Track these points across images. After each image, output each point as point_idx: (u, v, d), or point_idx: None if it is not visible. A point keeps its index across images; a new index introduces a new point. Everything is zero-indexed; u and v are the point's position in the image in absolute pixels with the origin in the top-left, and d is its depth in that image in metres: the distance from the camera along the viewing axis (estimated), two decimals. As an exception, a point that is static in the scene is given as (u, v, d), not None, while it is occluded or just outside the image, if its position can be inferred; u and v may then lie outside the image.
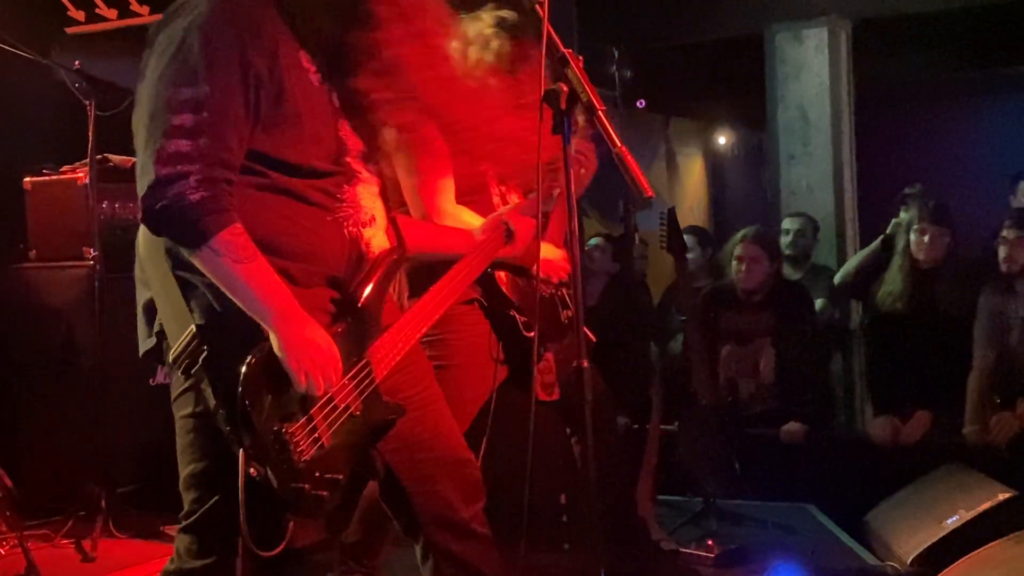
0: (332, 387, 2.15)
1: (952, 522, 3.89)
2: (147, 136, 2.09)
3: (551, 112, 2.13)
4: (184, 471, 2.26)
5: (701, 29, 7.52)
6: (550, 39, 2.14)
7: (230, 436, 2.05)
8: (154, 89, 2.11)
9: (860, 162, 7.22)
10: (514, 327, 3.03)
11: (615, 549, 3.50)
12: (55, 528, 4.18)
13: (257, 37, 2.11)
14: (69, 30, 5.32)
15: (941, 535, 3.86)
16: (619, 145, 2.11)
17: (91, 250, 4.35)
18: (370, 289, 2.30)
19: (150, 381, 4.61)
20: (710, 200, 11.27)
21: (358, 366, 2.25)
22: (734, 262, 5.27)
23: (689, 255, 5.56)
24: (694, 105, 10.50)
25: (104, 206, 4.52)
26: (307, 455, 2.11)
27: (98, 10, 5.24)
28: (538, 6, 2.18)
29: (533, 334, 2.82)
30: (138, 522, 4.19)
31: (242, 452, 2.04)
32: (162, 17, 2.18)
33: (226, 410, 2.05)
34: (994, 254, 4.65)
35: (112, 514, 4.14)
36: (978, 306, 4.68)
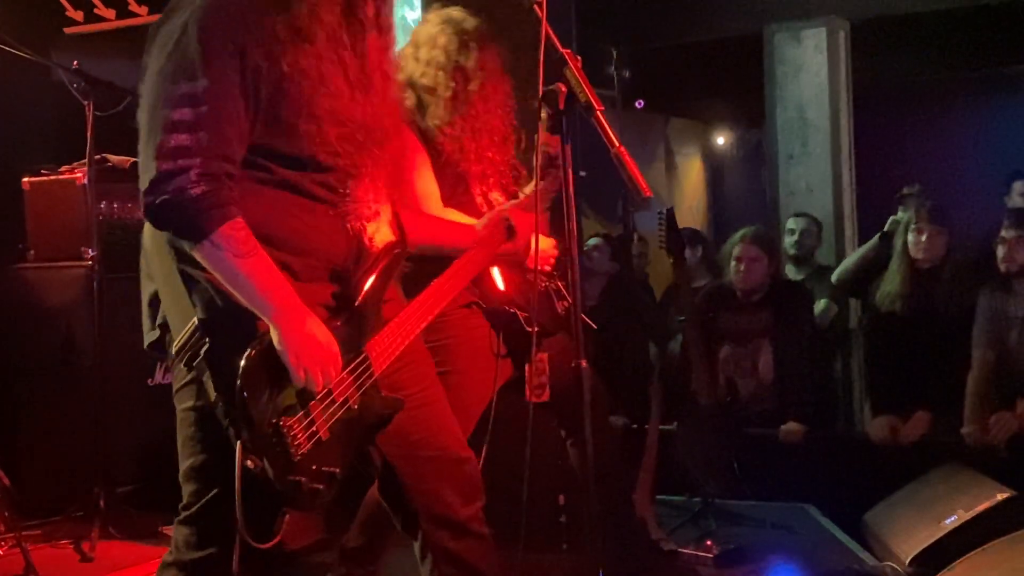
0: (331, 382, 2.16)
1: (951, 522, 3.88)
2: (148, 131, 2.10)
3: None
4: (184, 464, 2.27)
5: (700, 29, 7.53)
6: (549, 39, 2.14)
7: (229, 428, 2.07)
8: (154, 85, 2.12)
9: (859, 162, 7.23)
10: (515, 322, 3.03)
11: (613, 549, 3.50)
12: (54, 528, 4.18)
13: (257, 29, 2.11)
14: (68, 30, 5.32)
15: (940, 535, 3.86)
16: (617, 145, 2.11)
17: (90, 250, 4.35)
18: (370, 284, 2.30)
19: (149, 381, 4.61)
20: (709, 200, 11.27)
21: (356, 360, 2.26)
22: (733, 262, 5.27)
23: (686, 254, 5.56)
24: (693, 105, 10.51)
25: (103, 206, 4.52)
26: (304, 448, 2.12)
27: (97, 10, 5.24)
28: (536, 6, 2.19)
29: (534, 329, 2.82)
30: (137, 523, 4.18)
31: (239, 444, 2.05)
32: (163, 14, 2.19)
33: (225, 402, 2.07)
34: (993, 254, 4.65)
35: (111, 514, 4.14)
36: (977, 306, 4.68)
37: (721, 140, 11.33)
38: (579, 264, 2.32)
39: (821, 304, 5.80)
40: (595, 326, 3.13)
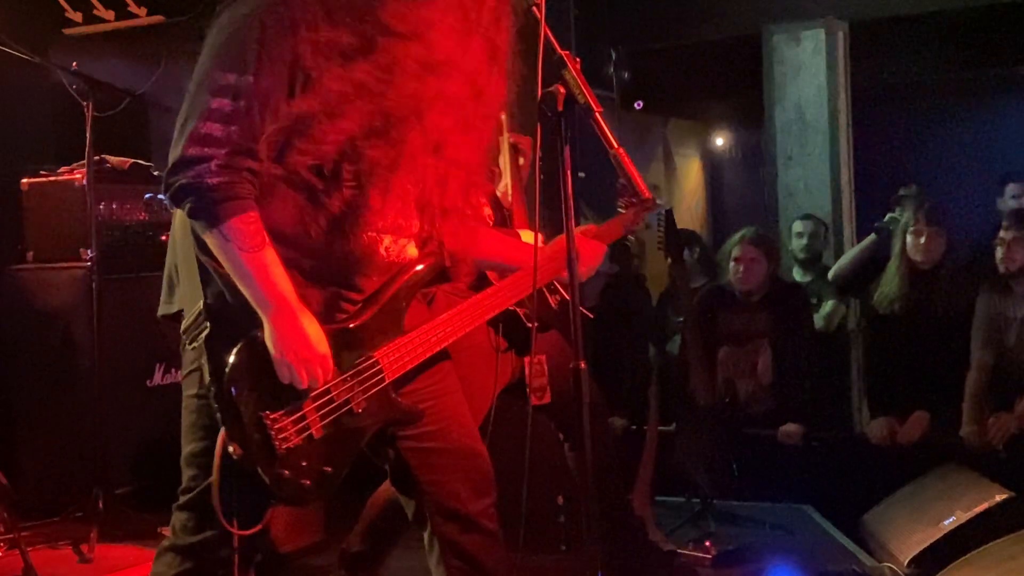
0: (317, 383, 2.18)
1: (949, 523, 3.89)
2: (186, 114, 2.13)
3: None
4: (186, 449, 2.32)
5: (699, 30, 7.53)
6: (547, 41, 2.14)
7: (217, 415, 2.11)
8: (203, 68, 2.14)
9: (857, 163, 7.22)
10: (513, 318, 3.02)
11: (612, 550, 3.50)
12: (52, 529, 4.18)
13: (315, 33, 2.12)
14: (67, 31, 5.32)
15: (938, 536, 3.86)
16: (616, 146, 2.11)
17: (88, 251, 4.36)
18: (390, 292, 2.31)
19: (147, 382, 4.61)
20: (708, 201, 11.27)
21: (364, 364, 2.27)
22: (732, 263, 5.27)
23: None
24: (692, 106, 10.51)
25: (101, 207, 4.52)
26: (290, 443, 2.14)
27: (96, 11, 5.25)
28: (535, 8, 2.18)
29: (534, 324, 2.81)
30: (135, 524, 4.19)
31: (223, 431, 2.10)
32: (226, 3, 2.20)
33: (215, 388, 2.12)
34: (991, 254, 4.65)
35: (109, 516, 4.15)
36: (976, 307, 4.68)
37: (720, 141, 11.33)
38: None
39: (828, 306, 5.80)
40: (591, 315, 3.12)
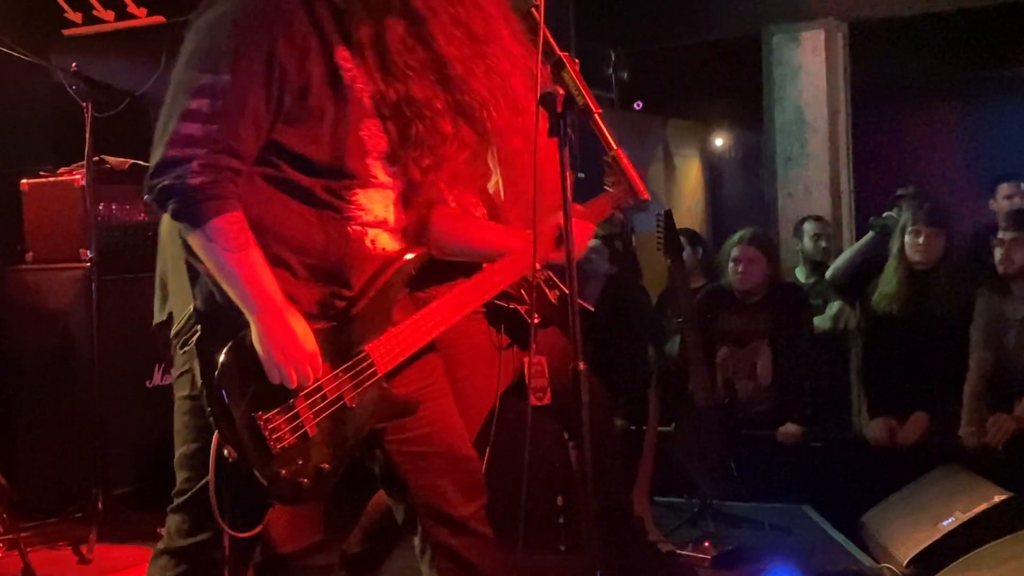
0: (307, 381, 2.17)
1: (948, 524, 3.89)
2: (166, 116, 2.13)
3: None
4: (179, 451, 2.31)
5: (698, 31, 7.53)
6: (546, 42, 2.14)
7: (210, 417, 2.11)
8: (180, 71, 2.15)
9: (857, 163, 7.23)
10: (514, 316, 3.02)
11: (612, 551, 3.50)
12: (51, 530, 4.19)
13: (290, 30, 2.13)
14: (66, 32, 5.32)
15: (937, 537, 3.86)
16: (616, 147, 2.11)
17: (87, 252, 4.36)
18: (377, 286, 2.31)
19: (147, 383, 4.61)
20: (707, 202, 11.28)
21: (355, 359, 2.26)
22: (731, 263, 5.27)
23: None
24: (691, 107, 10.52)
25: (101, 208, 4.53)
26: (286, 442, 2.14)
27: (95, 12, 5.24)
28: (534, 9, 2.18)
29: (536, 320, 2.81)
30: (134, 524, 4.19)
31: (216, 433, 2.10)
32: (204, 3, 2.21)
33: (207, 390, 2.11)
34: (990, 255, 4.65)
35: (108, 516, 4.15)
36: (975, 308, 4.68)
37: (719, 142, 11.34)
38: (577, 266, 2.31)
39: (836, 306, 5.80)
40: (592, 308, 3.11)
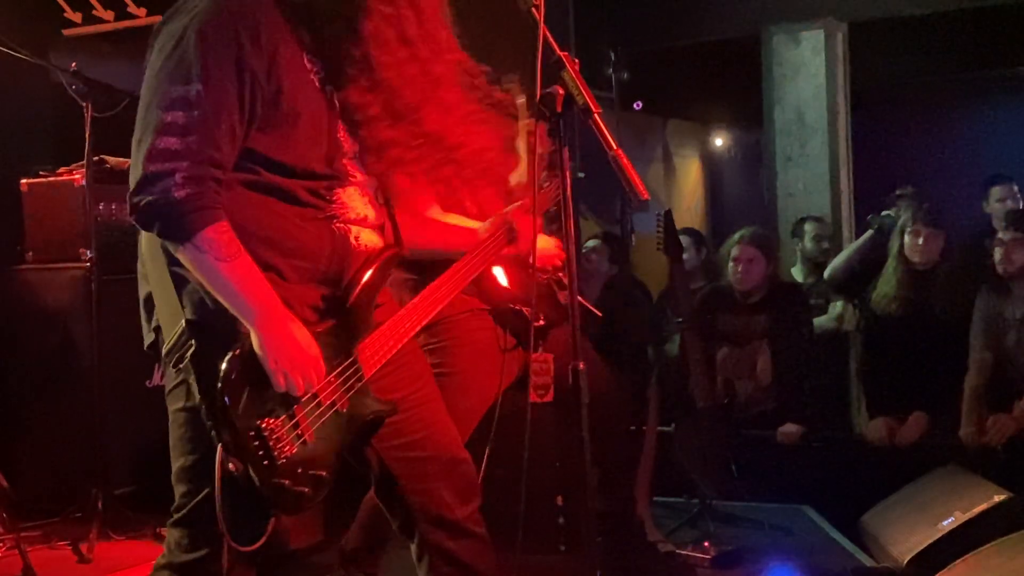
0: (313, 387, 2.16)
1: (948, 524, 3.89)
2: (140, 132, 2.12)
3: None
4: (175, 464, 2.28)
5: (698, 31, 7.54)
6: (546, 42, 2.15)
7: (211, 431, 2.08)
8: (150, 86, 2.14)
9: (856, 163, 7.24)
10: (521, 319, 3.02)
11: (611, 551, 3.50)
12: (51, 529, 4.18)
13: (256, 37, 2.12)
14: (66, 32, 5.32)
15: (937, 537, 3.86)
16: (615, 147, 2.11)
17: (87, 252, 4.36)
18: (360, 287, 2.30)
19: (147, 383, 4.61)
20: (707, 202, 11.28)
21: (345, 363, 2.26)
22: (731, 263, 5.27)
23: (684, 256, 5.56)
24: (691, 107, 10.52)
25: (101, 208, 4.52)
26: (288, 452, 2.13)
27: (95, 12, 5.25)
28: (534, 9, 2.18)
29: (540, 323, 2.81)
30: (134, 524, 4.19)
31: (220, 447, 2.07)
32: (166, 15, 2.20)
33: (207, 404, 2.08)
34: (990, 255, 4.65)
35: (108, 516, 4.15)
36: (974, 308, 4.68)
37: (719, 142, 11.35)
38: (578, 266, 2.31)
39: (839, 306, 5.81)
40: (599, 313, 3.13)
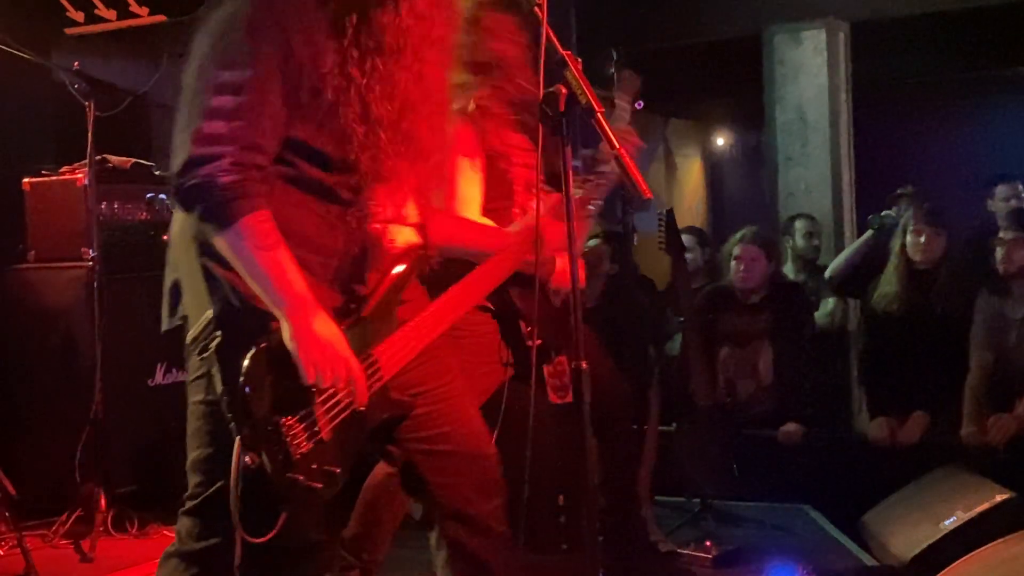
0: (340, 381, 2.17)
1: (950, 523, 3.89)
2: (187, 115, 2.13)
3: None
4: (192, 455, 2.30)
5: (699, 30, 7.53)
6: (549, 41, 2.15)
7: (232, 423, 2.09)
8: (198, 70, 2.14)
9: (858, 163, 7.23)
10: (519, 336, 3.02)
11: (613, 550, 3.50)
12: (54, 528, 4.18)
13: (304, 24, 2.14)
14: (68, 31, 5.32)
15: (938, 536, 3.86)
16: (618, 147, 2.11)
17: (90, 251, 4.36)
18: (384, 287, 2.31)
19: (148, 382, 4.61)
20: (708, 201, 11.29)
21: (365, 363, 2.26)
22: (733, 262, 5.28)
23: (688, 255, 5.57)
24: (692, 106, 10.52)
25: (103, 207, 4.52)
26: (304, 448, 2.13)
27: (97, 11, 5.24)
28: (537, 8, 2.19)
29: (536, 343, 2.80)
30: (136, 522, 4.20)
31: (238, 440, 2.08)
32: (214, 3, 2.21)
33: (229, 397, 2.09)
34: (991, 255, 4.65)
35: (110, 514, 4.15)
36: (975, 307, 4.68)
37: (720, 141, 11.35)
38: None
39: (830, 304, 5.80)
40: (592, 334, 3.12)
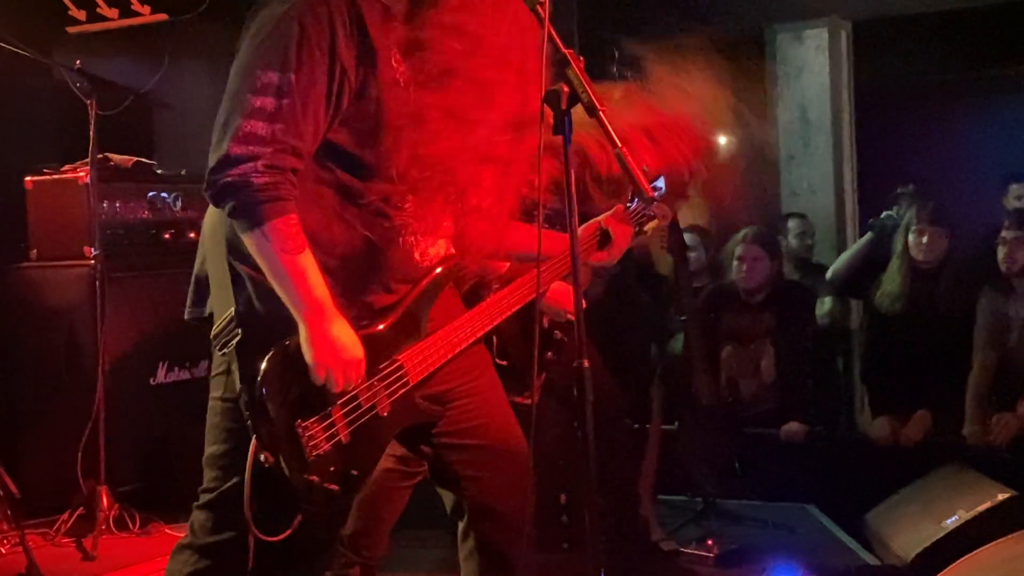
0: (352, 386, 2.18)
1: (952, 522, 3.90)
2: (228, 112, 2.13)
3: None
4: (208, 450, 2.32)
5: (702, 30, 7.52)
6: (551, 39, 2.15)
7: (248, 421, 2.11)
8: (243, 68, 2.14)
9: (860, 162, 7.22)
10: (490, 351, 3.00)
11: (615, 549, 3.50)
12: (56, 527, 4.19)
13: (350, 29, 2.13)
14: (70, 30, 5.32)
15: (941, 535, 3.87)
16: (620, 145, 2.11)
17: (92, 249, 4.36)
18: (414, 295, 2.32)
19: (151, 380, 4.62)
20: (711, 200, 11.26)
21: (389, 368, 2.27)
22: (735, 262, 5.28)
23: (691, 254, 5.57)
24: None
25: (105, 206, 4.53)
26: (321, 450, 2.15)
27: (99, 10, 5.24)
28: (539, 6, 2.18)
29: (504, 363, 2.79)
30: (139, 521, 4.19)
31: (254, 439, 2.10)
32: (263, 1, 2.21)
33: (247, 396, 2.11)
34: (994, 254, 4.65)
35: (113, 513, 4.15)
36: (978, 307, 4.68)
37: (723, 140, 11.33)
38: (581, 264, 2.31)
39: (828, 303, 5.80)
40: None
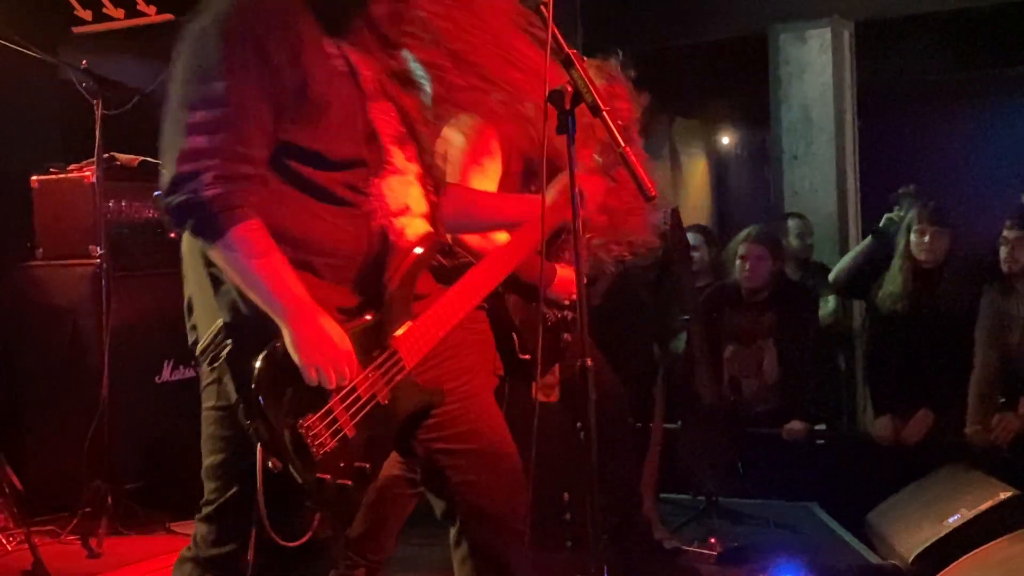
0: (345, 380, 2.16)
1: (954, 521, 3.90)
2: (170, 133, 2.13)
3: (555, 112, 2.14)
4: (206, 461, 2.29)
5: (705, 30, 7.53)
6: (555, 40, 2.16)
7: (249, 429, 2.09)
8: (177, 87, 2.15)
9: (863, 162, 7.22)
10: (511, 348, 3.00)
11: (618, 548, 3.51)
12: (61, 525, 4.20)
13: (277, 28, 2.13)
14: (76, 29, 5.33)
15: (943, 534, 3.87)
16: (623, 144, 2.12)
17: (98, 248, 4.38)
18: (396, 279, 2.29)
19: (156, 379, 4.63)
20: (713, 200, 11.28)
21: (384, 355, 2.25)
22: (738, 261, 5.29)
23: (694, 254, 5.58)
24: (697, 105, 10.51)
25: (111, 205, 4.55)
26: (327, 447, 2.13)
27: (105, 9, 5.26)
28: (543, 7, 2.19)
29: (527, 357, 2.79)
30: (144, 519, 4.21)
31: (260, 446, 2.07)
32: (192, 14, 2.21)
33: (244, 404, 2.09)
34: (995, 254, 4.66)
35: (118, 511, 4.17)
36: (980, 306, 4.69)
37: (726, 140, 11.34)
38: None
39: (830, 303, 5.81)
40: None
